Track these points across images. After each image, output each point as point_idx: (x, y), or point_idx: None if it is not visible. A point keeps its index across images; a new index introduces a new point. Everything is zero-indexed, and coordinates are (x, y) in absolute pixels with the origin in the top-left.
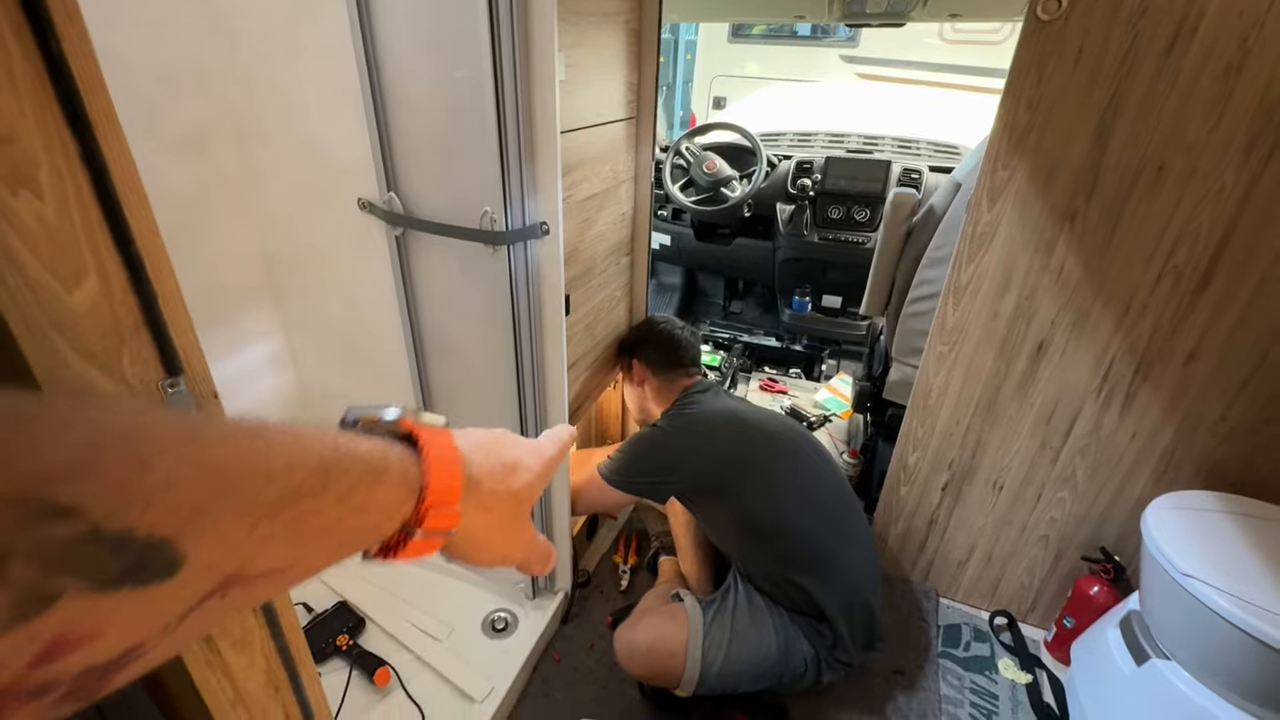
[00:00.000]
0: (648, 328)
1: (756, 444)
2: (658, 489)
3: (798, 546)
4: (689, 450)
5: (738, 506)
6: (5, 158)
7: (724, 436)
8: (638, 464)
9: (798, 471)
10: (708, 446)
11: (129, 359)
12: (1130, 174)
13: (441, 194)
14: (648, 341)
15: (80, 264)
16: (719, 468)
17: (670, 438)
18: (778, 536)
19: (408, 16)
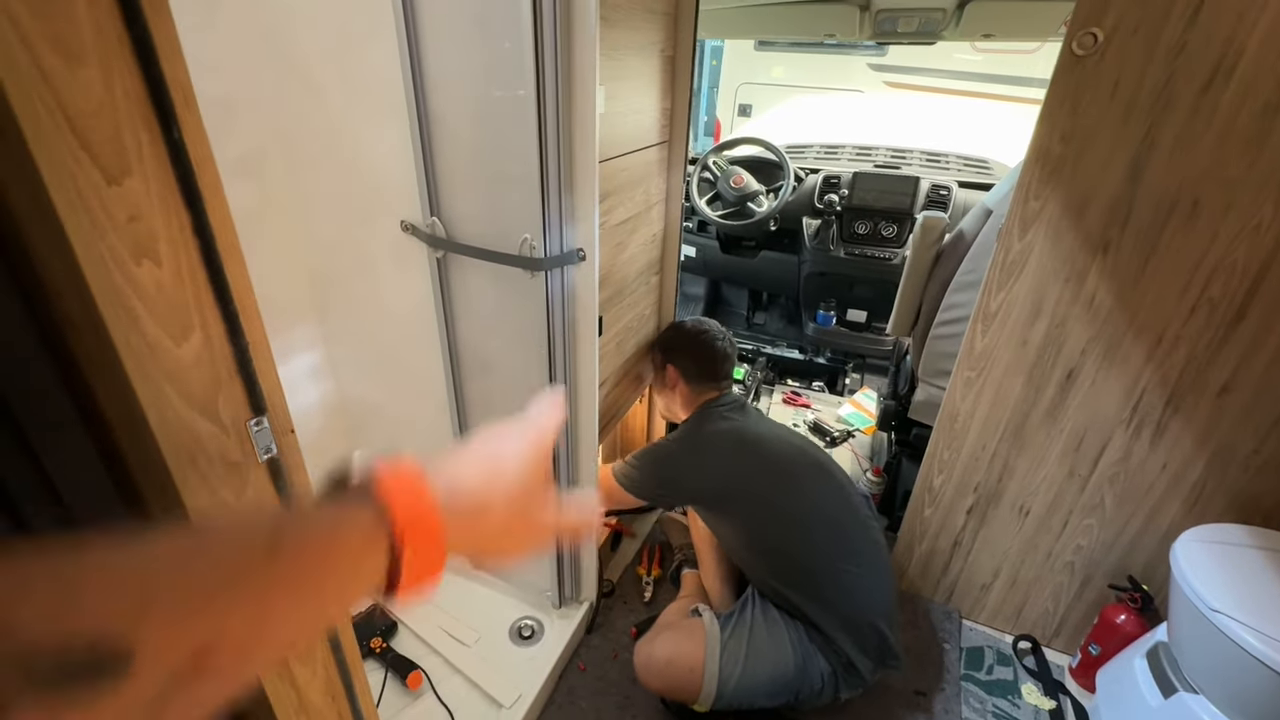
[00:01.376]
0: (688, 336)
1: (761, 464)
2: (661, 499)
3: (790, 564)
4: (693, 468)
5: (738, 522)
6: (132, 234)
7: (730, 456)
8: (646, 473)
9: (801, 491)
10: (712, 466)
11: (224, 402)
12: (1165, 207)
13: (482, 220)
14: (685, 350)
15: (188, 322)
16: (720, 486)
17: (678, 455)
18: (773, 553)
19: (456, 51)
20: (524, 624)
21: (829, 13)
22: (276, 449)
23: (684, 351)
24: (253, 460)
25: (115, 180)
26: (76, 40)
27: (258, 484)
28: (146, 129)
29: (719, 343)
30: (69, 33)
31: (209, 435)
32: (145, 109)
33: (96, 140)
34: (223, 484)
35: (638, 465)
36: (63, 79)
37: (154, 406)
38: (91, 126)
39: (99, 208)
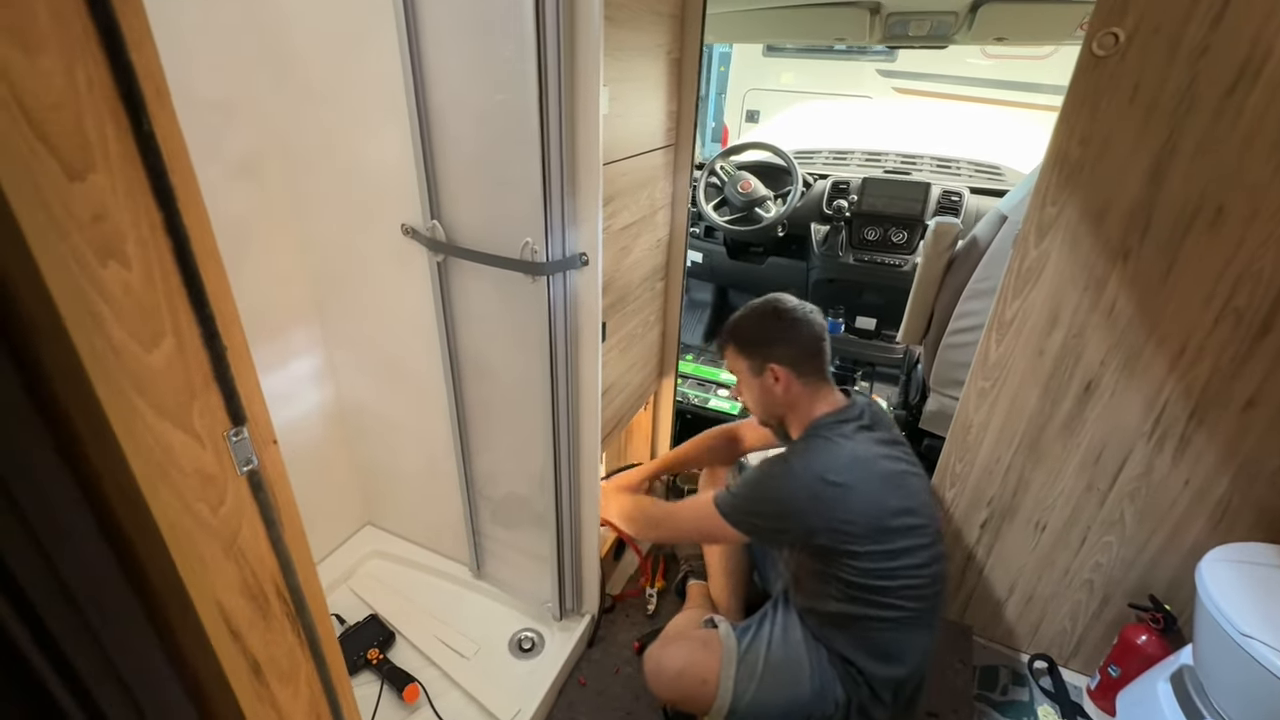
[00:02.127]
0: (783, 319)
1: (891, 514)
2: (776, 537)
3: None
4: (817, 508)
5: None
6: (98, 233)
7: (859, 497)
8: (762, 504)
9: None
10: (840, 507)
11: (198, 412)
12: (1188, 213)
13: (483, 223)
14: (788, 338)
15: (159, 326)
16: (844, 532)
17: (800, 485)
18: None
19: (457, 52)
20: (524, 636)
21: (839, 16)
22: (257, 461)
23: (785, 341)
24: (231, 473)
25: (78, 176)
26: (34, 28)
27: (237, 497)
28: (113, 121)
29: (814, 317)
30: (25, 21)
31: (182, 447)
32: (112, 100)
33: (56, 133)
34: (198, 498)
35: (749, 493)
36: (18, 69)
37: (120, 416)
38: (51, 119)
39: (59, 205)
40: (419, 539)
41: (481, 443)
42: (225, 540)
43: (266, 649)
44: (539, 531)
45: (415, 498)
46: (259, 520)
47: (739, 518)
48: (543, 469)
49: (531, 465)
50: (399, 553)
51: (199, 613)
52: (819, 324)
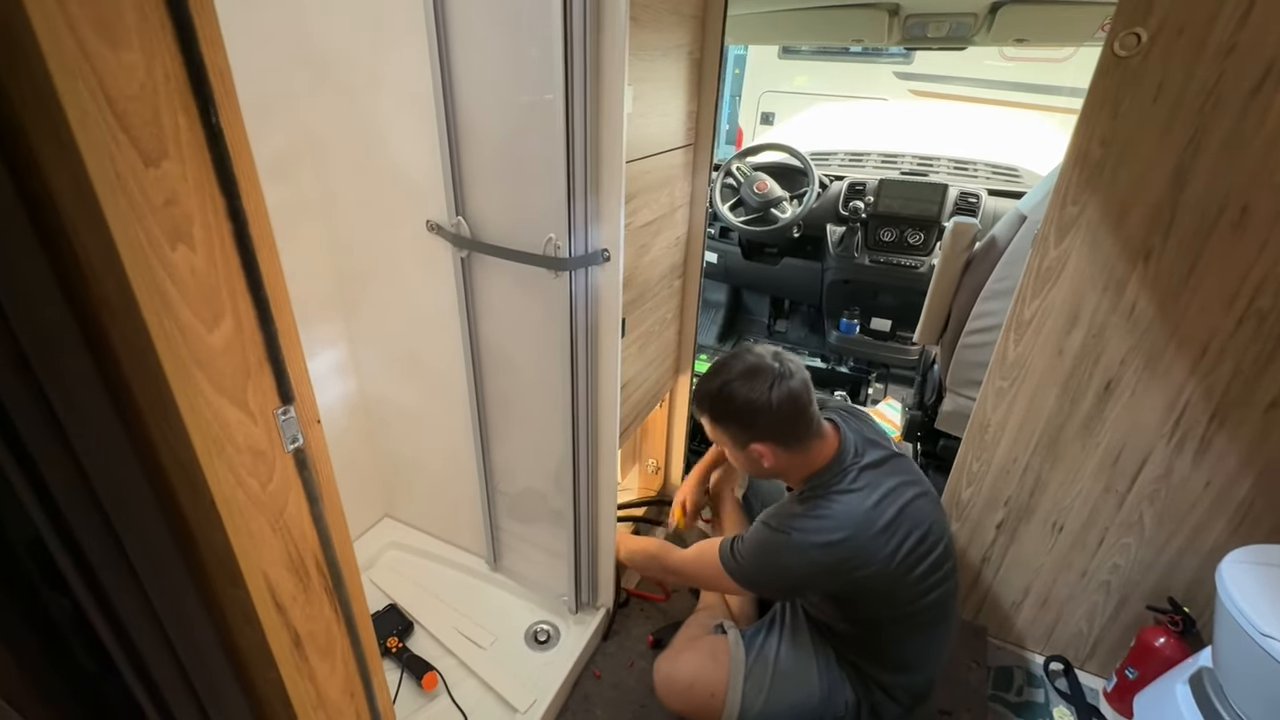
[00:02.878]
0: (759, 394)
1: (901, 553)
2: (782, 594)
3: (885, 650)
4: (823, 572)
5: (860, 617)
6: (169, 217)
7: (864, 548)
8: (764, 571)
9: (931, 570)
10: (846, 564)
11: (252, 390)
12: (1211, 214)
13: (507, 219)
14: (766, 417)
15: (220, 308)
16: (854, 587)
17: (800, 557)
18: (879, 635)
19: (485, 52)
20: (540, 628)
21: (857, 18)
22: (303, 439)
23: (765, 420)
24: (279, 450)
25: (153, 163)
26: (120, 24)
27: (284, 473)
28: (185, 113)
29: (791, 369)
30: (112, 16)
31: (237, 423)
32: (185, 93)
33: (136, 123)
34: (250, 473)
35: (752, 558)
36: (106, 62)
37: (184, 392)
38: (132, 109)
39: (137, 190)
40: (437, 531)
41: (501, 437)
42: (272, 515)
43: (307, 623)
44: (555, 525)
45: (434, 491)
46: (303, 496)
47: (747, 583)
48: (561, 463)
49: (550, 460)
50: (417, 544)
51: (247, 584)
52: (798, 380)
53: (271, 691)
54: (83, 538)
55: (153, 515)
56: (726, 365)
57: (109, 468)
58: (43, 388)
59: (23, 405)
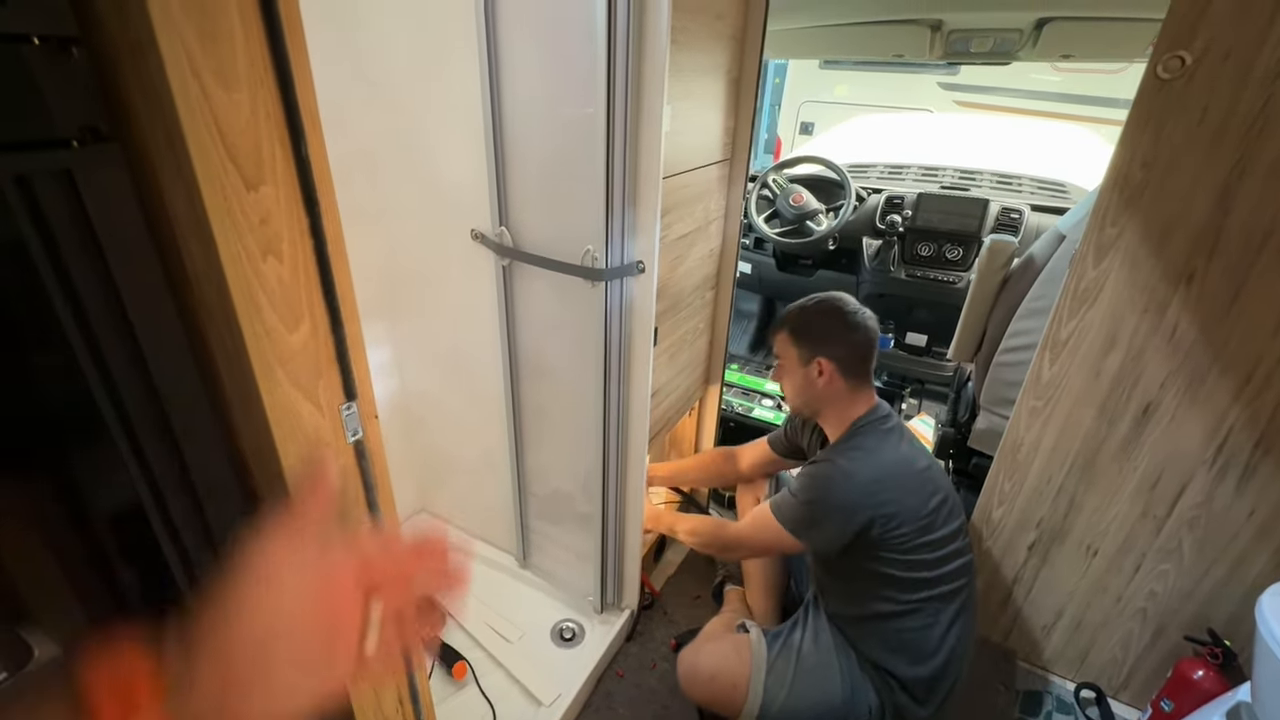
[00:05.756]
0: (841, 321)
1: (930, 504)
2: (839, 534)
3: (916, 633)
4: (868, 501)
5: (886, 569)
6: (263, 234)
7: (904, 491)
8: (816, 507)
9: (955, 534)
10: (889, 502)
11: (323, 387)
12: (1258, 238)
13: (548, 230)
14: (841, 339)
15: (300, 312)
16: (886, 527)
17: (854, 485)
18: (899, 615)
19: (530, 71)
20: (565, 626)
21: (899, 33)
22: (363, 432)
23: (839, 340)
24: (342, 441)
25: (253, 187)
26: (233, 70)
27: (345, 463)
28: (280, 145)
29: (872, 324)
30: (228, 64)
31: (309, 415)
32: (281, 128)
33: (241, 153)
34: None
35: (806, 498)
36: (220, 102)
37: (267, 387)
38: (238, 142)
39: (239, 210)
40: (470, 527)
41: (534, 439)
42: None
43: None
44: (583, 527)
45: (468, 487)
46: (360, 484)
47: (801, 527)
48: (591, 467)
49: (580, 463)
50: (451, 539)
51: None
52: (874, 330)
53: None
54: (174, 512)
55: (233, 494)
56: (814, 295)
57: (200, 450)
58: (151, 376)
59: (134, 390)
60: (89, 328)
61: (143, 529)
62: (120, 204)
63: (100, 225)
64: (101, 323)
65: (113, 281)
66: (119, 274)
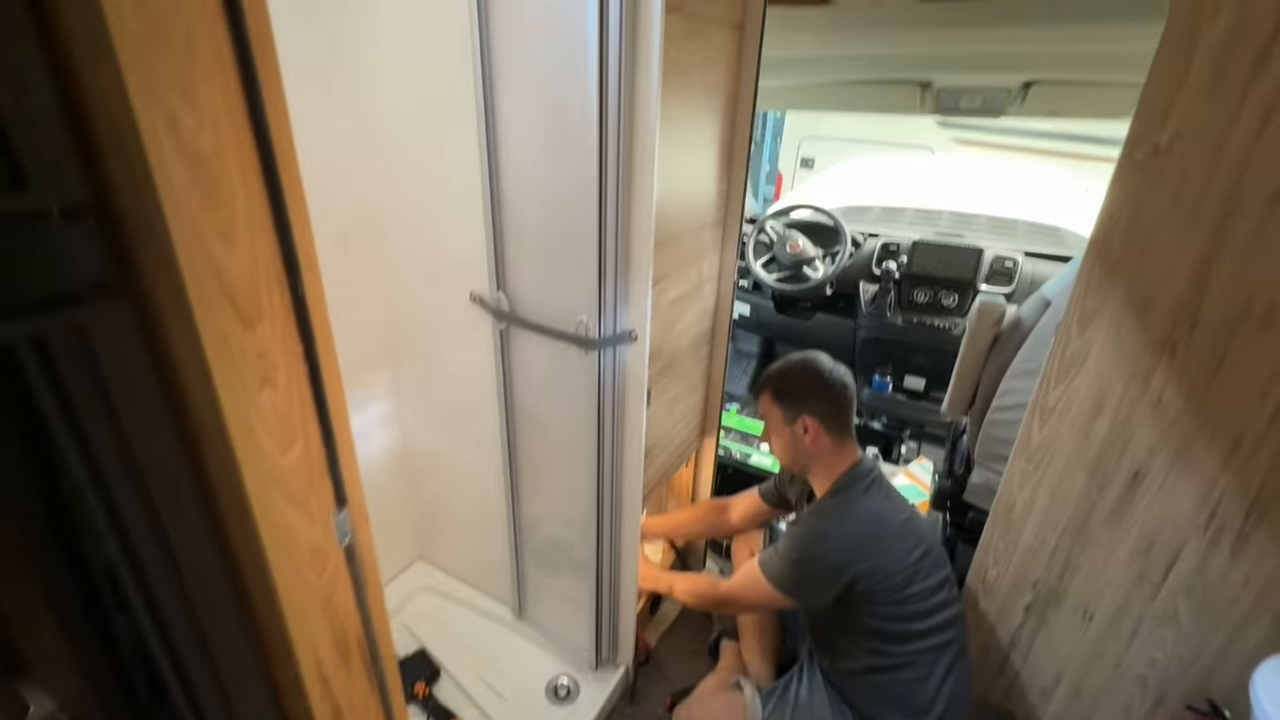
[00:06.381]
0: (818, 379)
1: (914, 557)
2: (825, 591)
3: (896, 683)
4: (854, 557)
5: (877, 622)
6: (259, 367)
7: (888, 546)
8: (804, 563)
9: (942, 584)
10: (875, 556)
11: (315, 499)
12: (1236, 311)
13: (543, 298)
14: (822, 395)
15: (293, 434)
16: (875, 581)
17: (841, 532)
18: (894, 669)
19: (528, 144)
20: (560, 683)
21: (889, 90)
22: (352, 536)
23: (820, 398)
24: (332, 546)
25: (251, 326)
26: (234, 229)
27: (335, 565)
28: (278, 286)
29: (848, 380)
30: (230, 224)
31: (300, 526)
32: (279, 271)
33: (241, 298)
34: (308, 566)
35: (793, 556)
36: (222, 257)
37: (260, 505)
38: (238, 289)
39: (236, 348)
40: (467, 577)
41: (530, 493)
42: (323, 600)
43: (347, 695)
44: (579, 582)
45: (466, 539)
46: (350, 584)
47: (788, 586)
48: (585, 522)
49: (575, 519)
50: (447, 589)
51: (299, 660)
52: (850, 385)
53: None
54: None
55: (227, 600)
56: (790, 356)
57: (196, 562)
58: (152, 499)
59: (134, 511)
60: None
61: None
62: (127, 351)
63: (109, 372)
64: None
65: (118, 418)
66: (124, 413)
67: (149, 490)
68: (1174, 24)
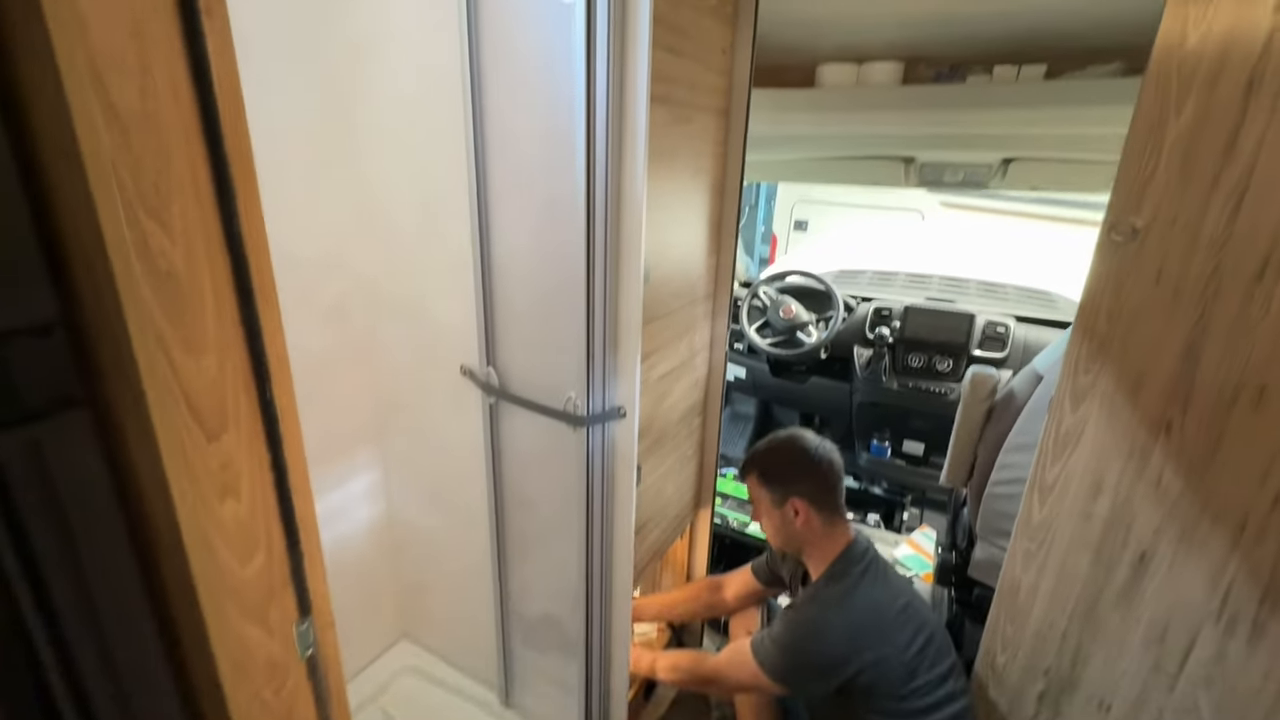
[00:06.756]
0: (805, 459)
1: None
2: (819, 684)
3: None
4: (850, 650)
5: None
6: (221, 479)
7: (887, 637)
8: (796, 654)
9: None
10: (877, 646)
11: (275, 610)
12: (1229, 392)
13: (532, 374)
14: (809, 475)
15: (255, 544)
16: (874, 674)
17: (838, 624)
18: None
19: (519, 226)
20: None
21: (874, 165)
22: (315, 646)
23: (807, 478)
24: (294, 659)
25: (215, 437)
26: (201, 341)
27: (297, 680)
28: (246, 394)
29: (835, 457)
30: (198, 335)
31: (257, 640)
32: (247, 377)
33: (204, 410)
34: (265, 684)
35: (788, 645)
36: (187, 369)
37: (215, 622)
38: (201, 401)
39: (198, 461)
40: (452, 658)
41: (518, 567)
42: (282, 718)
43: None
44: (568, 661)
45: (452, 615)
46: (311, 699)
47: (779, 674)
48: (575, 602)
49: (564, 596)
50: (432, 671)
51: None
52: (838, 463)
53: None
54: None
55: None
56: (774, 436)
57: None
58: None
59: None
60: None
61: None
62: (84, 464)
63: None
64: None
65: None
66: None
67: (96, 607)
68: (1141, 115)
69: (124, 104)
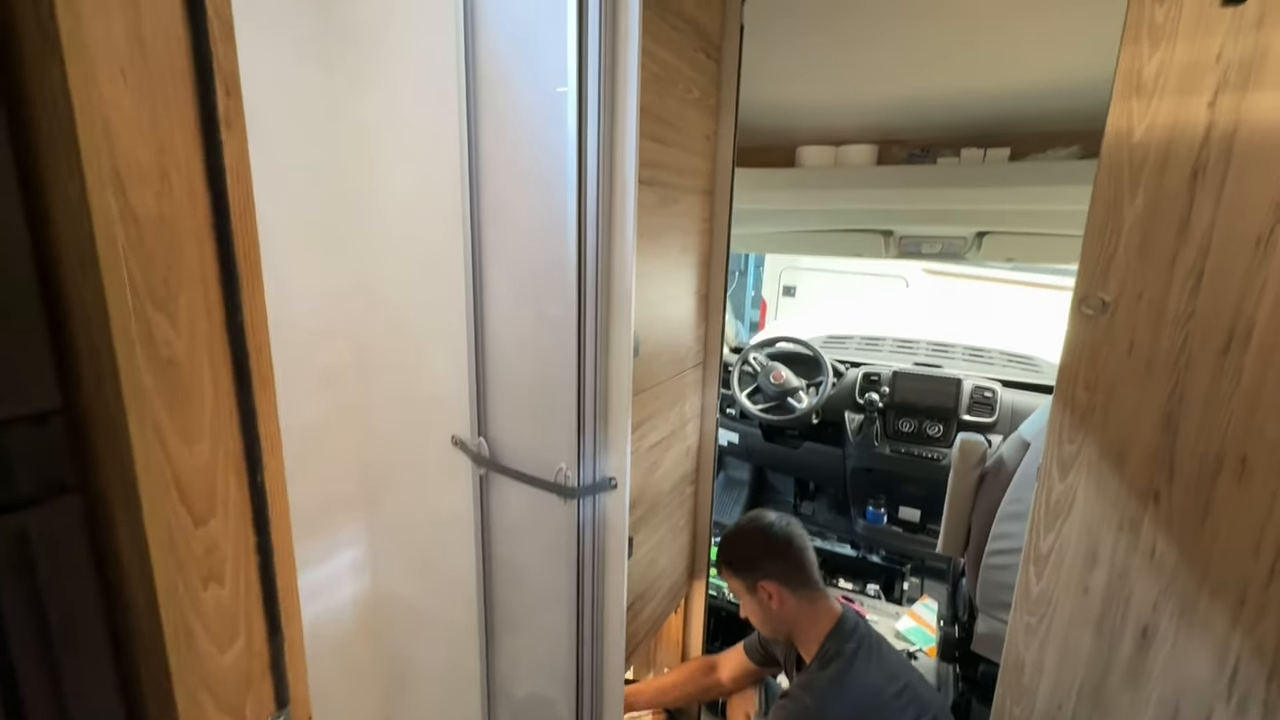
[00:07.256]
0: (766, 538)
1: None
2: None
3: None
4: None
5: None
6: (206, 564)
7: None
8: None
9: None
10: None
11: (252, 702)
12: (1211, 462)
13: (523, 445)
14: (772, 555)
15: (236, 630)
16: None
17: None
18: None
19: (510, 305)
20: None
21: (855, 238)
22: None
23: (771, 559)
24: None
25: (202, 523)
26: (197, 428)
27: None
28: (236, 477)
29: (795, 531)
30: (194, 423)
31: None
32: (238, 460)
33: (194, 494)
34: None
35: None
36: (180, 455)
37: (189, 711)
38: (192, 487)
39: (183, 547)
40: None
41: (506, 646)
42: None
43: None
44: None
45: (437, 698)
46: None
47: None
48: (565, 681)
49: (555, 674)
50: None
51: None
52: (799, 535)
53: None
54: None
55: None
56: (737, 523)
57: None
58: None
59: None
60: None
61: None
62: (69, 551)
63: (45, 576)
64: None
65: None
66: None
67: (65, 697)
68: (1099, 199)
69: (142, 208)
